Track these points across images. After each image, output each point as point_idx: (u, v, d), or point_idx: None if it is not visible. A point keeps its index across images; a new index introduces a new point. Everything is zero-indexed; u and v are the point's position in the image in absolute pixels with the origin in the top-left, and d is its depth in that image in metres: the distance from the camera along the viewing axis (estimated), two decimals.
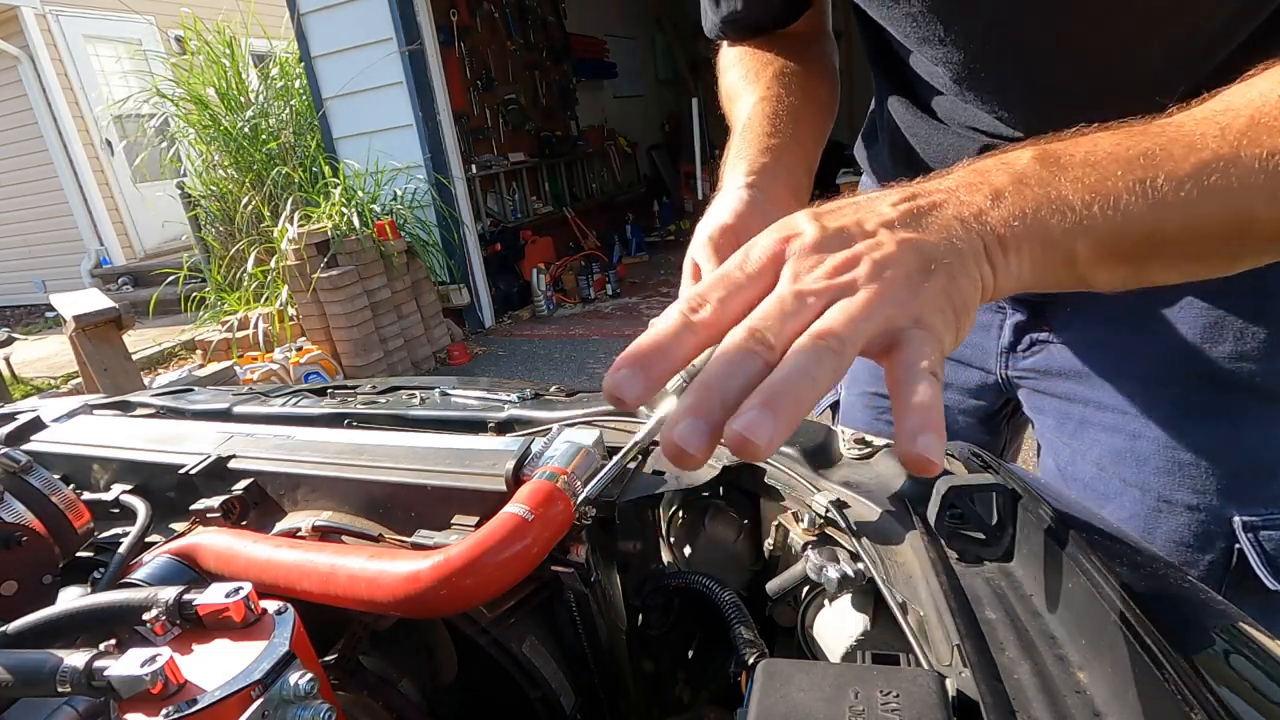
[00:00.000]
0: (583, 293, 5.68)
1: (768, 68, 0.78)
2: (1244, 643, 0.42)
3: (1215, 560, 0.69)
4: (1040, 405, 0.82)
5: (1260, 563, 0.66)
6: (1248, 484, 0.68)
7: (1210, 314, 0.67)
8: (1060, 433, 0.80)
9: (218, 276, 5.14)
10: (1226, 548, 0.68)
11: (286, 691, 0.42)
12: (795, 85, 0.75)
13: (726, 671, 0.68)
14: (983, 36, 0.62)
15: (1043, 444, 0.85)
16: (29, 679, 0.42)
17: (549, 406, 0.83)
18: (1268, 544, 0.67)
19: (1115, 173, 0.41)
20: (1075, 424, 0.77)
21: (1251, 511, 0.67)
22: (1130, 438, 0.72)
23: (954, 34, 0.63)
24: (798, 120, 0.72)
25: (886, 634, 0.52)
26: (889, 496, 0.57)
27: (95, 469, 0.81)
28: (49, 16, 7.63)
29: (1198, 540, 0.69)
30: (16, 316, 8.51)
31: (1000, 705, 0.35)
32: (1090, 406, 0.76)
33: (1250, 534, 0.67)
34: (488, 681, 0.64)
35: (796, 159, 0.68)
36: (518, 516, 0.54)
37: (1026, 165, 0.42)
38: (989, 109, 0.68)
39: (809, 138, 0.72)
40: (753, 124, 0.71)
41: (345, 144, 5.05)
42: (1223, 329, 0.66)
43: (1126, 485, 0.73)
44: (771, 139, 0.69)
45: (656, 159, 8.54)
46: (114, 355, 3.28)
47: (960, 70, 0.66)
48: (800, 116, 0.72)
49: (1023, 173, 0.42)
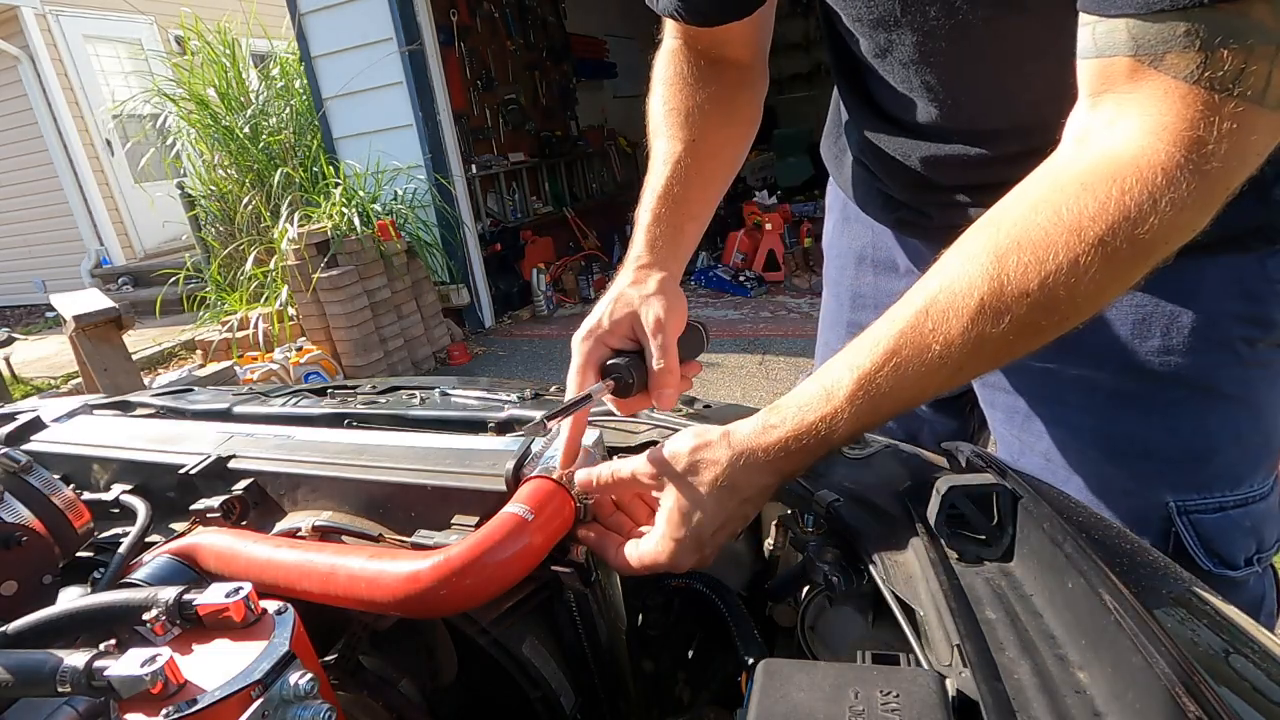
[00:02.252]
0: (583, 293, 5.68)
1: (690, 107, 0.82)
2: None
3: (1154, 543, 0.72)
4: (990, 399, 0.86)
5: (1195, 545, 0.70)
6: (1181, 470, 0.71)
7: (1139, 310, 0.70)
8: (1009, 426, 0.84)
9: (218, 276, 5.14)
10: (1164, 531, 0.72)
11: (286, 691, 0.42)
12: (709, 134, 0.81)
13: (726, 671, 0.68)
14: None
15: (996, 437, 0.89)
16: (29, 679, 0.42)
17: (549, 407, 0.83)
18: (1201, 527, 0.70)
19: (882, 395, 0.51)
20: (1022, 418, 0.81)
21: (1185, 496, 0.71)
22: (1071, 429, 0.77)
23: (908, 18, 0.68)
24: (695, 186, 0.79)
25: (886, 634, 0.52)
26: (889, 496, 0.57)
27: (95, 469, 0.81)
28: (49, 16, 7.62)
29: (1136, 525, 0.72)
30: (16, 316, 8.51)
31: (1000, 705, 0.35)
32: (1034, 400, 0.80)
33: (1184, 517, 0.71)
34: (488, 681, 0.64)
35: (683, 232, 0.78)
36: (518, 516, 0.54)
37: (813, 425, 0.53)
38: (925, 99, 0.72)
39: (699, 203, 0.80)
40: (656, 196, 0.78)
41: (345, 144, 5.05)
42: (1150, 324, 0.70)
43: (1070, 474, 0.77)
44: (664, 216, 0.77)
45: None
46: (114, 355, 3.28)
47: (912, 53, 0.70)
48: (698, 180, 0.79)
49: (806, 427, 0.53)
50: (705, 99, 0.82)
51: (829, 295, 1.06)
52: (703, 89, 0.82)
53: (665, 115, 0.83)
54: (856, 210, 0.95)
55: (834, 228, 1.03)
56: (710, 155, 0.81)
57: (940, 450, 0.63)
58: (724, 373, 3.87)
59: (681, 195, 0.78)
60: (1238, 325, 0.68)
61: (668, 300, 0.70)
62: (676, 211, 0.77)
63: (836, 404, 0.52)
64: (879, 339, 0.52)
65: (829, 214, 1.05)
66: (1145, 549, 0.52)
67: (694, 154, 0.80)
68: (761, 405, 0.58)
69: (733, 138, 0.85)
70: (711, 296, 5.26)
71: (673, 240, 0.76)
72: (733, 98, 0.84)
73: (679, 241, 0.77)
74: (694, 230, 0.79)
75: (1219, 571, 0.70)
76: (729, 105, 0.83)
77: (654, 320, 0.68)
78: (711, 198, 0.82)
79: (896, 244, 0.91)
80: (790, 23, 9.06)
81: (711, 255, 5.57)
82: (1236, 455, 0.71)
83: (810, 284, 4.95)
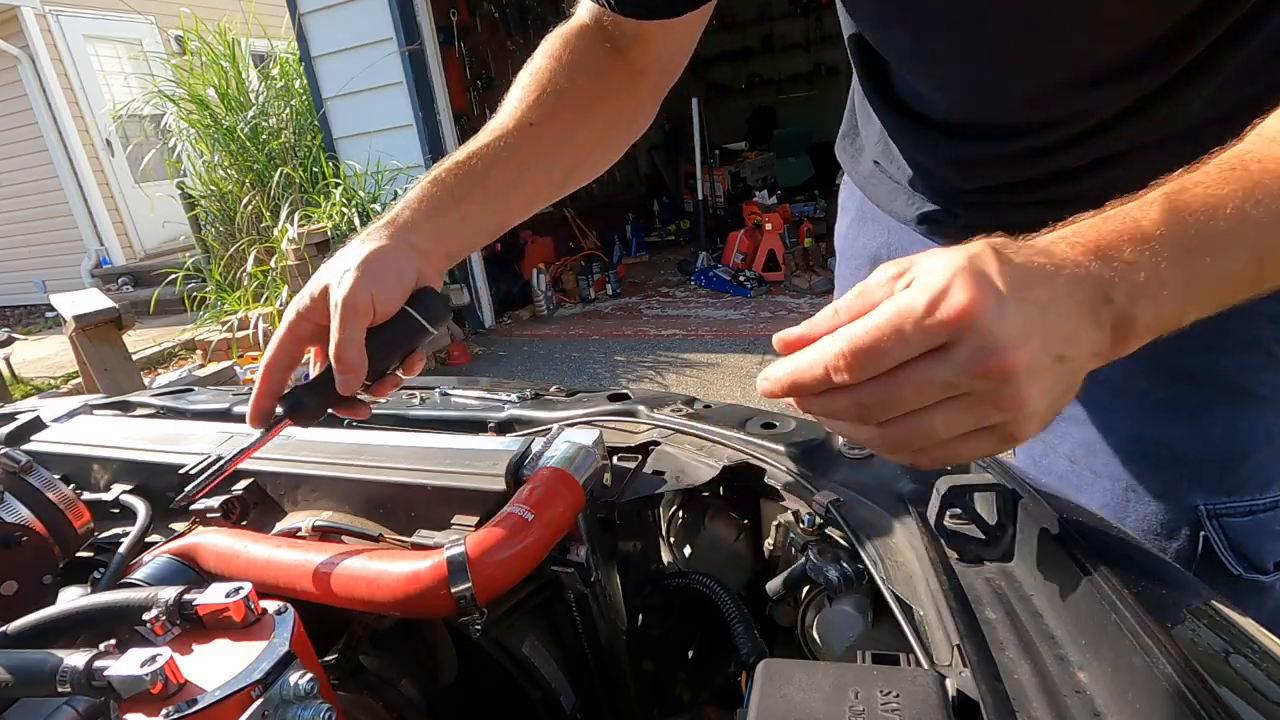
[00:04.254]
0: (583, 293, 5.68)
1: (553, 89, 0.73)
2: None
3: (1183, 547, 0.71)
4: None
5: (1224, 549, 0.69)
6: (1212, 473, 0.70)
7: None
8: None
9: (218, 276, 5.14)
10: (1193, 535, 0.70)
11: (286, 691, 0.42)
12: (555, 125, 0.72)
13: (726, 671, 0.68)
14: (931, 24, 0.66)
15: None
16: (29, 679, 0.42)
17: (549, 406, 0.83)
18: (1231, 531, 0.69)
19: (1232, 235, 0.41)
20: None
21: (1216, 500, 0.69)
22: (1099, 430, 0.75)
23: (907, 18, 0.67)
24: (504, 170, 0.70)
25: (886, 634, 0.52)
26: (889, 496, 0.57)
27: (95, 469, 0.81)
28: (49, 16, 7.62)
29: (1165, 528, 0.71)
30: (16, 316, 8.51)
31: (1000, 705, 0.35)
32: None
33: (1214, 521, 0.69)
34: (488, 681, 0.64)
35: (459, 209, 0.67)
36: (518, 516, 0.54)
37: (1153, 242, 0.41)
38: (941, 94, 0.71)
39: (498, 189, 0.69)
40: (454, 161, 0.69)
41: (345, 144, 5.05)
42: None
43: (1097, 476, 0.75)
44: (445, 181, 0.67)
45: (656, 159, 8.52)
46: (114, 355, 3.28)
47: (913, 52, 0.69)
48: (510, 166, 0.70)
49: (1150, 254, 0.41)
50: (577, 89, 0.74)
51: (841, 295, 1.05)
52: (581, 77, 0.75)
53: (522, 86, 0.74)
54: (873, 210, 0.93)
55: (848, 228, 1.01)
56: (544, 148, 0.72)
57: None
58: (724, 373, 3.87)
59: (480, 171, 0.68)
60: (1271, 327, 0.67)
61: (370, 273, 0.59)
62: (463, 184, 0.67)
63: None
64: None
65: (843, 214, 1.04)
66: (1145, 548, 0.52)
67: (525, 137, 0.71)
68: (761, 405, 0.58)
69: (584, 141, 0.76)
70: (711, 296, 5.26)
71: (439, 210, 0.66)
72: (608, 101, 0.77)
73: (447, 214, 0.66)
74: (478, 216, 0.69)
75: (1249, 576, 0.69)
76: (599, 107, 0.76)
77: (340, 301, 0.58)
78: (521, 191, 0.72)
79: (914, 244, 0.90)
80: (790, 23, 9.06)
81: (711, 255, 5.57)
82: (1268, 458, 0.70)
83: (810, 284, 4.94)
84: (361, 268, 0.59)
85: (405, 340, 0.62)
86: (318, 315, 0.61)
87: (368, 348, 0.59)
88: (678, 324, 4.82)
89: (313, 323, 0.62)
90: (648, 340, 4.59)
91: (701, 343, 4.40)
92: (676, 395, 0.81)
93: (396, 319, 0.61)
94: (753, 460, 0.65)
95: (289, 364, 0.63)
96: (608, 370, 4.20)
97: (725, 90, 9.59)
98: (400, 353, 0.63)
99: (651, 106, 0.83)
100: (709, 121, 6.55)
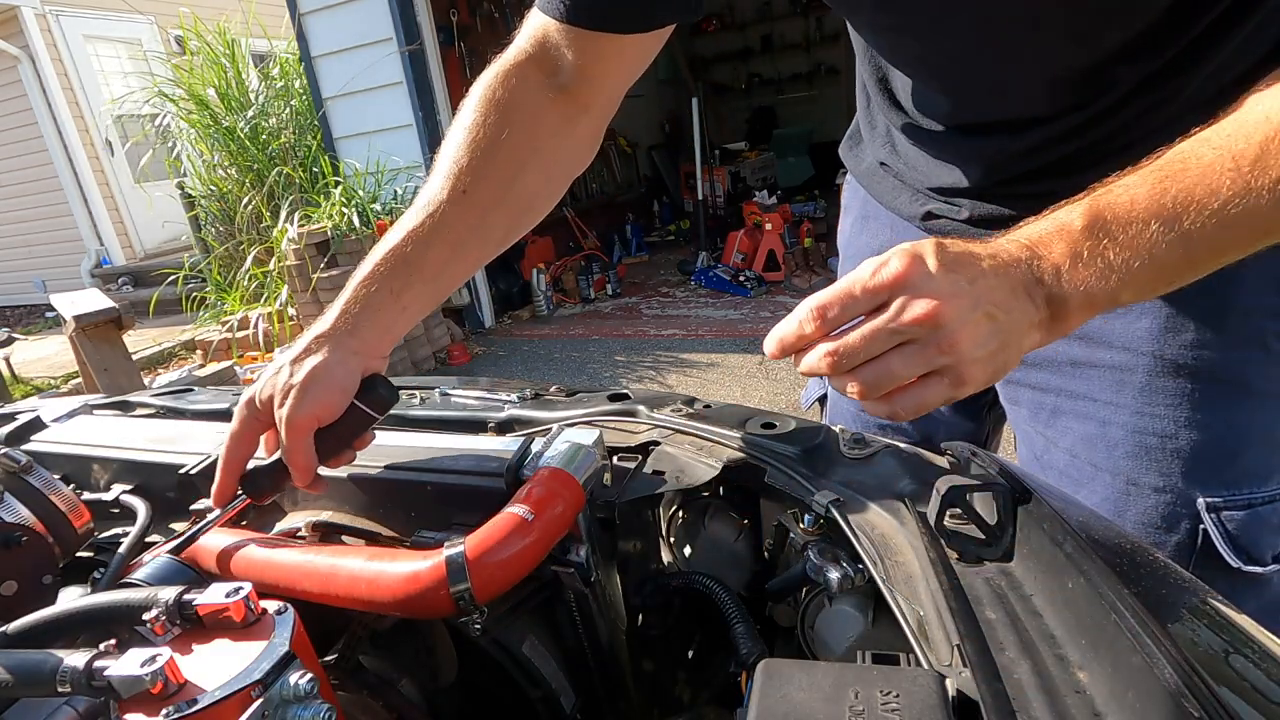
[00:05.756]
0: (583, 293, 5.68)
1: (486, 142, 0.72)
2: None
3: (1182, 540, 0.72)
4: (1015, 396, 0.85)
5: (1223, 542, 0.70)
6: (1211, 466, 0.71)
7: (1172, 304, 0.70)
8: (1034, 422, 0.83)
9: (218, 276, 5.14)
10: (1192, 528, 0.71)
11: (286, 691, 0.42)
12: (490, 184, 0.72)
13: (726, 671, 0.68)
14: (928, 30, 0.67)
15: (1018, 434, 0.88)
16: (29, 679, 0.42)
17: (549, 406, 0.83)
18: (1230, 524, 0.70)
19: (1151, 226, 0.49)
20: (1048, 413, 0.81)
21: (1215, 493, 0.70)
22: (1100, 424, 0.76)
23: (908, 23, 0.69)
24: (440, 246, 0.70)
25: (886, 634, 0.52)
26: (889, 496, 0.57)
27: (95, 469, 0.81)
28: (49, 16, 7.62)
29: (1165, 521, 0.72)
30: (16, 316, 8.51)
31: (1000, 705, 0.35)
32: (1062, 395, 0.79)
33: (1213, 514, 0.70)
34: (488, 681, 0.64)
35: (399, 300, 0.68)
36: (518, 516, 0.54)
37: (1078, 237, 0.51)
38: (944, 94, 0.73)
39: (436, 266, 0.70)
40: (386, 249, 0.69)
41: (345, 144, 5.05)
42: (1184, 319, 0.70)
43: (1097, 470, 0.76)
44: (379, 276, 0.68)
45: (656, 159, 8.52)
46: (114, 355, 3.28)
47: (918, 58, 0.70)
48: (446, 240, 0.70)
49: (1076, 245, 0.51)
50: (512, 140, 0.72)
51: None
52: (517, 124, 0.73)
53: (455, 145, 0.73)
54: (877, 208, 0.94)
55: (852, 226, 1.01)
56: (481, 213, 0.72)
57: (940, 450, 0.63)
58: (724, 373, 3.87)
59: (416, 256, 0.69)
60: (1271, 320, 0.68)
61: (312, 391, 0.62)
62: (399, 276, 0.68)
63: None
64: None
65: (846, 213, 1.04)
66: (1145, 548, 0.52)
67: (458, 208, 0.70)
68: (761, 405, 0.58)
69: (520, 193, 0.75)
70: (711, 296, 5.26)
71: (378, 310, 0.67)
72: (546, 147, 0.76)
73: (386, 311, 0.67)
74: (419, 298, 0.69)
75: (1247, 569, 0.69)
76: (535, 157, 0.75)
77: (284, 419, 0.62)
78: (460, 263, 0.72)
79: None
80: (790, 23, 9.07)
81: (711, 255, 5.57)
82: (1266, 451, 0.71)
83: (810, 284, 4.95)
84: (303, 387, 0.62)
85: (355, 431, 0.66)
86: (265, 417, 0.65)
87: (317, 445, 0.63)
88: (678, 324, 4.82)
89: (262, 422, 0.65)
90: (648, 340, 4.59)
91: (701, 343, 4.40)
92: (676, 395, 0.81)
93: (345, 415, 0.64)
94: (753, 460, 0.65)
95: (245, 456, 0.66)
96: (608, 370, 4.20)
97: (725, 90, 9.59)
98: (350, 440, 0.66)
99: (591, 146, 0.82)
100: (709, 121, 6.55)
